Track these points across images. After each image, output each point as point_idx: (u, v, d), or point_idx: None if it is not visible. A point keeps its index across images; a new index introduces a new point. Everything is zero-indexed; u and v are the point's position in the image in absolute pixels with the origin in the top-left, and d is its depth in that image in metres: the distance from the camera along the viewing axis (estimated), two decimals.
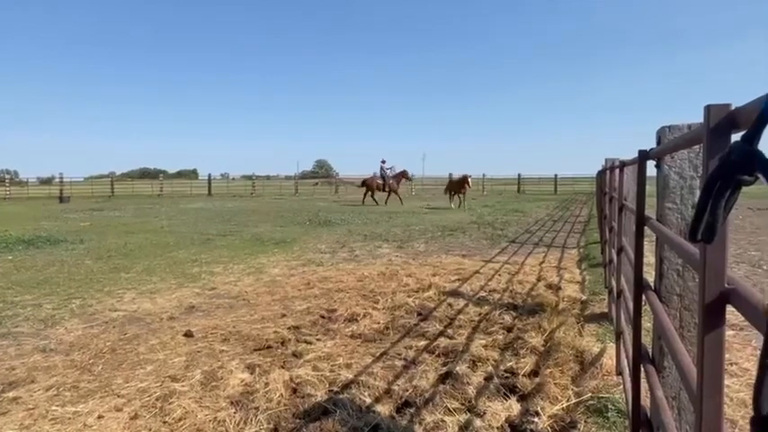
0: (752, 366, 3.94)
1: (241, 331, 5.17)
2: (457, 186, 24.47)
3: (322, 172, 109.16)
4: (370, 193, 27.16)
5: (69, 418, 3.40)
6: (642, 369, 2.29)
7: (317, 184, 63.03)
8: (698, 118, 1.28)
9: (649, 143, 2.49)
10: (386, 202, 26.40)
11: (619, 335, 3.87)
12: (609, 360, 4.07)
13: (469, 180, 24.26)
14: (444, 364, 4.22)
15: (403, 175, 27.44)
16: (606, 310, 5.58)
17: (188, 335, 5.08)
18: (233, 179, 70.58)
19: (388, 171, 27.50)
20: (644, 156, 2.38)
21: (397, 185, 27.18)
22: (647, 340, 2.60)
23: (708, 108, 1.23)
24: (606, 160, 8.31)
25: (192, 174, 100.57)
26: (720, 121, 1.20)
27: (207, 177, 44.10)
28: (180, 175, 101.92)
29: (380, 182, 27.12)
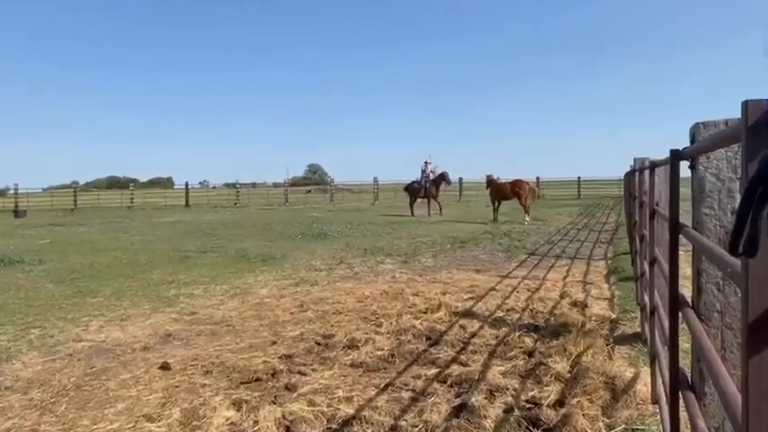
0: None
1: (225, 362, 5.18)
2: (501, 193, 21.79)
3: (315, 178, 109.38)
4: (413, 200, 26.20)
5: None
6: (681, 396, 2.30)
7: (309, 191, 63.17)
8: (738, 113, 1.30)
9: (683, 142, 2.51)
10: (429, 213, 24.87)
11: (654, 358, 3.87)
12: (643, 387, 4.07)
13: (531, 185, 21.76)
14: (458, 395, 4.23)
15: (442, 178, 26.06)
16: (639, 330, 5.58)
17: (164, 367, 5.08)
18: (213, 188, 70.92)
19: (430, 174, 26.28)
20: (676, 155, 2.40)
21: (437, 191, 25.91)
22: (685, 363, 2.61)
23: (745, 104, 1.24)
24: (635, 160, 8.34)
25: (167, 182, 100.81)
26: (759, 118, 1.21)
27: (184, 186, 44.20)
28: (153, 183, 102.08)
29: (417, 186, 26.20)
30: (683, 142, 2.50)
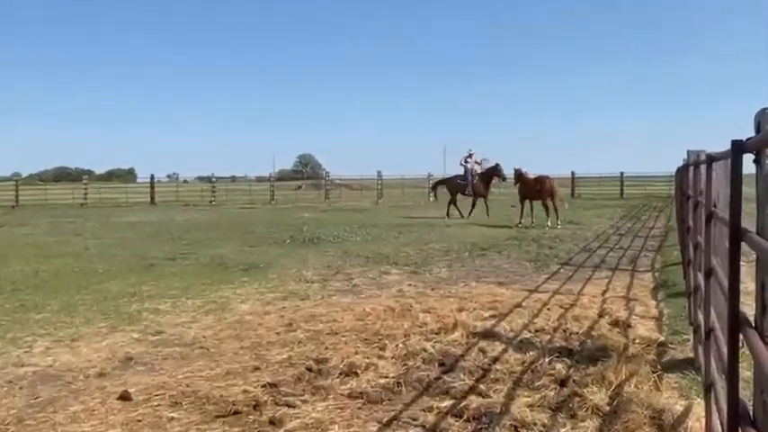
0: None
1: (198, 391, 5.19)
2: (533, 192, 21.60)
3: (307, 171, 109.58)
4: (453, 200, 25.23)
5: None
6: None
7: (300, 187, 63.31)
8: None
9: (747, 131, 2.52)
10: (469, 214, 24.37)
11: (708, 388, 3.88)
12: (696, 422, 4.09)
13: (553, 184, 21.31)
14: None
15: (494, 173, 25.06)
16: (691, 355, 5.59)
17: (124, 397, 5.08)
18: (185, 182, 70.85)
19: (476, 167, 25.47)
20: (739, 147, 2.40)
21: (486, 189, 24.96)
22: (746, 394, 2.62)
23: None
24: (689, 153, 8.35)
25: (128, 175, 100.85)
26: None
27: (149, 180, 44.30)
28: (111, 176, 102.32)
29: (461, 182, 25.34)
30: (747, 132, 2.50)
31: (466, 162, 25.83)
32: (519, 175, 22.42)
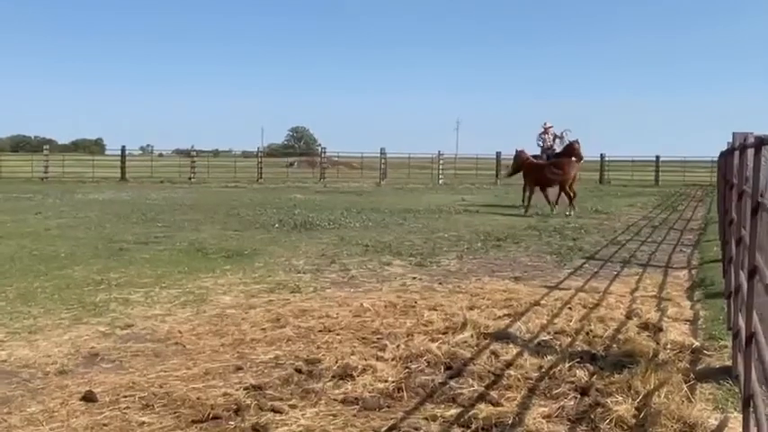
0: None
1: (172, 393, 5.20)
2: (540, 177, 21.33)
3: (300, 147, 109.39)
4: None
5: None
6: None
7: (291, 164, 63.25)
8: None
9: None
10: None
11: (748, 400, 3.91)
12: None
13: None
14: None
15: (572, 151, 22.69)
16: (729, 363, 5.62)
17: (88, 398, 5.09)
18: (160, 155, 70.96)
19: (557, 143, 23.54)
20: None
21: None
22: None
23: None
24: (734, 136, 8.34)
25: (96, 146, 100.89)
26: None
27: (119, 152, 44.27)
28: (77, 147, 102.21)
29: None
30: None
31: (543, 139, 24.12)
32: (521, 159, 22.23)
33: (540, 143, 24.33)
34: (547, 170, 21.23)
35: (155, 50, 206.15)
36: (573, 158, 22.16)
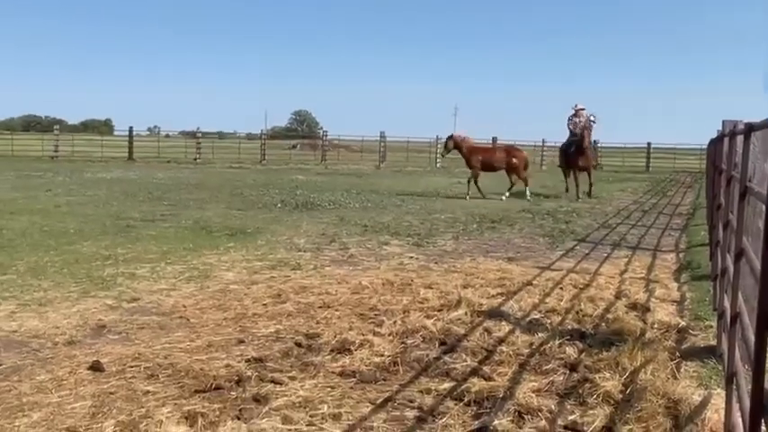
0: None
1: (176, 364, 5.23)
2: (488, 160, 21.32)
3: (303, 130, 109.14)
4: (571, 170, 21.82)
5: None
6: (764, 428, 2.34)
7: (294, 146, 63.15)
8: None
9: None
10: (590, 189, 21.60)
11: (731, 378, 3.92)
12: (715, 414, 4.13)
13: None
14: (477, 417, 4.29)
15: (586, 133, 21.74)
16: (714, 343, 5.63)
17: (96, 368, 5.11)
18: (167, 136, 70.74)
19: (592, 126, 22.03)
20: None
21: (592, 157, 21.58)
22: None
23: None
24: (724, 123, 8.33)
25: (105, 126, 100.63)
26: None
27: (127, 133, 44.16)
28: (86, 128, 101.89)
29: (572, 151, 21.85)
30: None
31: (574, 122, 22.31)
32: (456, 142, 21.80)
33: (571, 126, 22.46)
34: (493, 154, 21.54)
35: (164, 35, 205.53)
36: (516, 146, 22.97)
